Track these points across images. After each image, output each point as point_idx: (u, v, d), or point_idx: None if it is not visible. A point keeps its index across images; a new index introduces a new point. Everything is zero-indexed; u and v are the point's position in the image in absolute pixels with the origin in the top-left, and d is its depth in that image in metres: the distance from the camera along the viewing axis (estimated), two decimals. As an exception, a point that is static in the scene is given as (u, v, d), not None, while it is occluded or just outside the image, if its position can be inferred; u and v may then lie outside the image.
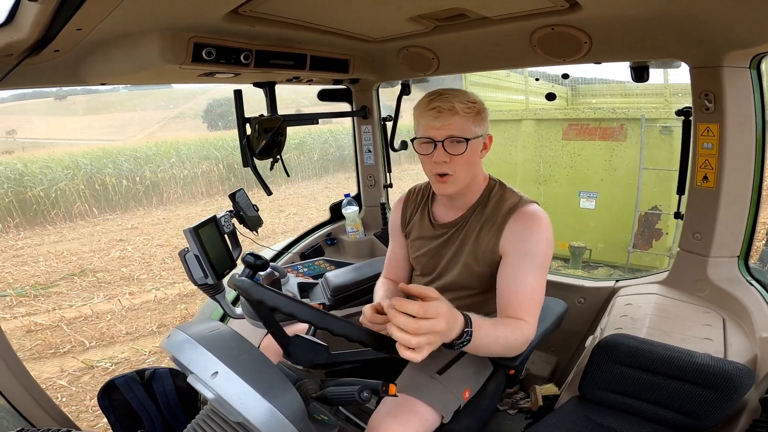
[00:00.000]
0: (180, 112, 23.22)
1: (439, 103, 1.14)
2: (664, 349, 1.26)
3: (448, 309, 0.84)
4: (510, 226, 1.19)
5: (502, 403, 1.89)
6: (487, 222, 1.23)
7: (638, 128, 4.83)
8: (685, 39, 1.36)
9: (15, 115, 20.60)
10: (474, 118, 1.16)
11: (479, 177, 1.27)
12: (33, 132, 19.74)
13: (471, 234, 1.26)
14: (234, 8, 1.15)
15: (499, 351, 1.06)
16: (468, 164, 1.19)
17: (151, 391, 1.63)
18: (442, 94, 1.16)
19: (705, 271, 1.58)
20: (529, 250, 1.14)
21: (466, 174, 1.21)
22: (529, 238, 1.15)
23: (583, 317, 1.96)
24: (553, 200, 5.39)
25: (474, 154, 1.19)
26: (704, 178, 1.53)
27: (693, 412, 1.17)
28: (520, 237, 1.16)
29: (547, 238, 1.16)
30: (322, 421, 1.00)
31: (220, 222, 1.61)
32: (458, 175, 1.19)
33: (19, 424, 1.25)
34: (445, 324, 0.81)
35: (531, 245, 1.14)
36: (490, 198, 1.26)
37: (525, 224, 1.17)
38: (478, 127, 1.17)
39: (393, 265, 1.51)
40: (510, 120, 5.75)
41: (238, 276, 1.08)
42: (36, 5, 0.85)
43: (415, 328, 0.78)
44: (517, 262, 1.15)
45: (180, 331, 0.98)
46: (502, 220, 1.20)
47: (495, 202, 1.25)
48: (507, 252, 1.18)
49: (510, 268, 1.16)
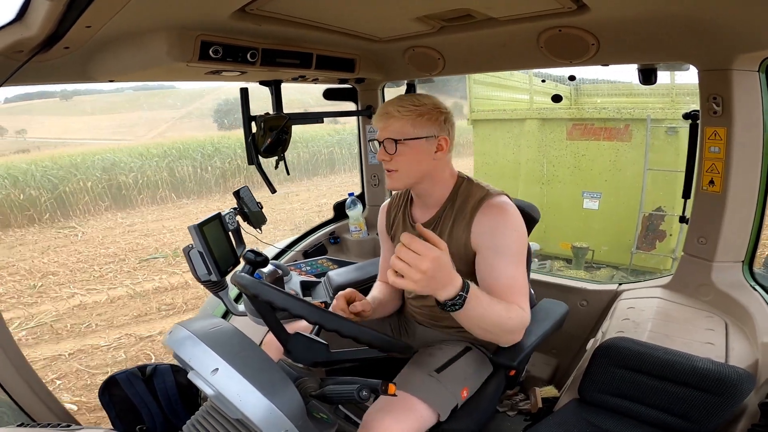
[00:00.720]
0: (187, 112, 23.31)
1: (382, 110, 1.26)
2: (665, 353, 1.25)
3: (442, 259, 0.91)
4: (478, 220, 1.21)
5: (502, 404, 1.89)
6: (457, 217, 1.26)
7: (643, 129, 4.80)
8: (693, 41, 1.35)
9: (21, 115, 20.67)
10: (414, 120, 1.22)
11: (441, 175, 1.30)
12: (41, 132, 19.84)
13: (444, 231, 1.28)
14: (241, 7, 1.15)
15: (492, 328, 1.09)
16: (410, 162, 1.24)
17: (152, 387, 1.65)
18: (392, 101, 1.26)
19: (709, 275, 1.57)
20: (500, 242, 1.17)
21: (410, 171, 1.25)
22: (497, 230, 1.18)
23: (585, 320, 1.95)
24: (556, 200, 5.36)
25: (417, 154, 1.23)
26: (710, 182, 1.52)
27: (692, 416, 1.17)
28: (488, 230, 1.19)
29: (515, 228, 1.19)
30: (321, 420, 1.01)
31: (225, 219, 1.61)
32: (401, 171, 1.25)
33: (19, 418, 1.26)
34: (430, 266, 0.89)
35: (501, 237, 1.17)
36: (459, 194, 1.29)
37: (492, 217, 1.20)
38: (419, 128, 1.22)
39: (385, 269, 1.53)
40: (513, 119, 5.72)
41: (239, 273, 1.09)
42: (46, 2, 0.86)
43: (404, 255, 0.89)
44: (490, 255, 1.18)
45: (182, 327, 0.98)
46: (471, 215, 1.23)
47: (463, 198, 1.28)
48: (479, 247, 1.21)
49: (485, 262, 1.19)
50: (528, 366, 1.93)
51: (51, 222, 9.87)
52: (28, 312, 5.32)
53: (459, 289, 0.97)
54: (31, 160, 11.34)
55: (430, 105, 1.24)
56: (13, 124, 19.96)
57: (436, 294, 0.95)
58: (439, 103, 1.27)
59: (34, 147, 16.47)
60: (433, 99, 1.27)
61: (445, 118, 1.25)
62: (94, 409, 3.21)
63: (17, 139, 19.36)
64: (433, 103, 1.25)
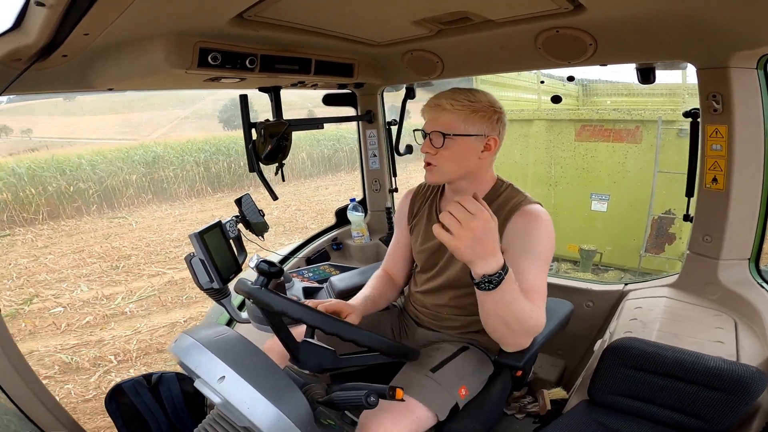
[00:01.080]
0: (191, 113, 23.49)
1: (434, 100, 1.23)
2: (674, 353, 1.24)
3: (491, 224, 0.91)
4: (512, 223, 1.21)
5: (510, 407, 1.88)
6: None
7: (654, 130, 4.75)
8: (691, 40, 1.35)
9: (24, 115, 20.73)
10: (466, 116, 1.20)
11: (483, 175, 1.30)
12: (45, 131, 19.95)
13: None
14: (239, 13, 1.16)
15: (513, 323, 1.05)
16: (453, 159, 1.23)
17: (157, 395, 1.64)
18: (445, 93, 1.23)
19: (716, 273, 1.56)
20: (530, 246, 1.16)
21: (451, 167, 1.24)
22: (529, 234, 1.17)
23: (592, 321, 1.94)
24: (563, 202, 5.32)
25: (461, 150, 1.22)
26: (713, 180, 1.51)
27: (705, 415, 1.15)
28: (520, 233, 1.19)
29: (548, 236, 1.18)
30: (328, 426, 1.00)
31: (225, 227, 1.61)
32: (441, 166, 1.24)
33: (26, 427, 1.26)
34: (480, 226, 0.89)
35: (531, 241, 1.16)
36: (497, 197, 1.29)
37: (526, 221, 1.19)
38: (469, 125, 1.20)
39: (393, 255, 1.54)
40: (520, 120, 5.67)
41: (252, 284, 1.08)
42: (44, 10, 0.86)
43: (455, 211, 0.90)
44: (518, 256, 1.16)
45: (187, 335, 0.98)
46: (505, 217, 1.22)
47: (501, 201, 1.27)
48: (508, 248, 1.19)
49: (511, 263, 1.16)
50: (535, 368, 1.92)
51: (99, 212, 10.49)
52: (127, 288, 5.68)
53: (500, 267, 0.95)
54: (51, 158, 11.77)
55: (486, 102, 1.22)
56: (18, 124, 20.08)
57: (477, 263, 0.93)
58: (495, 101, 1.25)
59: (42, 146, 16.60)
60: (489, 96, 1.25)
61: (499, 117, 1.24)
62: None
63: (22, 138, 19.42)
64: (488, 100, 1.23)
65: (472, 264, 0.94)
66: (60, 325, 4.74)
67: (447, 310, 1.38)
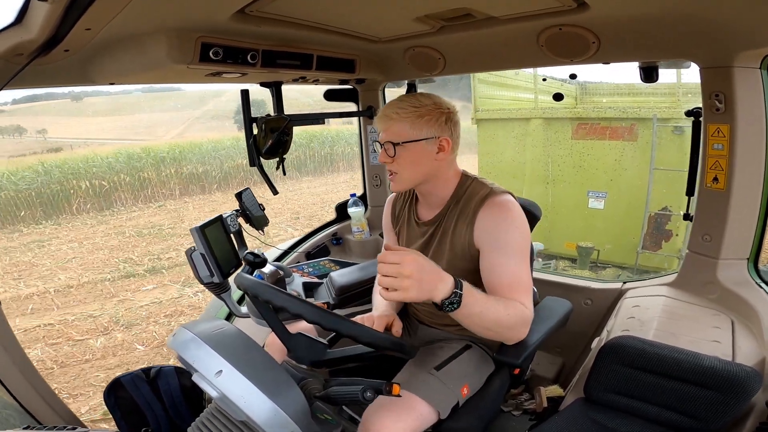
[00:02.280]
0: (202, 113, 23.53)
1: (383, 111, 1.25)
2: (671, 351, 1.25)
3: (420, 260, 0.94)
4: (480, 218, 1.21)
5: (507, 403, 1.89)
6: (460, 216, 1.26)
7: (649, 128, 4.77)
8: (694, 39, 1.34)
9: (36, 117, 20.84)
10: (413, 122, 1.20)
11: (445, 175, 1.29)
12: (59, 132, 20.02)
13: (448, 230, 1.28)
14: (241, 8, 1.15)
15: (493, 326, 1.08)
16: (409, 165, 1.23)
17: (156, 389, 1.65)
18: (392, 102, 1.25)
19: (714, 273, 1.56)
20: (502, 238, 1.16)
21: (410, 173, 1.24)
22: (500, 228, 1.17)
23: (590, 319, 1.94)
24: (561, 200, 5.34)
25: (415, 156, 1.22)
26: (714, 179, 1.51)
27: (699, 414, 1.16)
28: (491, 227, 1.18)
29: (518, 225, 1.18)
30: (325, 421, 1.00)
31: (226, 221, 1.62)
32: (402, 174, 1.24)
33: (25, 421, 1.27)
34: (412, 268, 0.92)
35: (503, 233, 1.17)
36: (463, 192, 1.28)
37: (494, 214, 1.19)
38: (417, 130, 1.20)
39: None
40: (518, 119, 5.69)
41: (241, 274, 1.09)
42: (45, 5, 0.86)
43: (385, 270, 0.92)
44: (493, 252, 1.17)
45: (185, 329, 0.98)
46: (473, 213, 1.22)
47: (467, 196, 1.27)
48: (482, 244, 1.20)
49: (488, 259, 1.18)
50: (533, 365, 1.92)
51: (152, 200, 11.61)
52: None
53: (452, 286, 0.97)
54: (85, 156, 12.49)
55: (430, 105, 1.22)
56: (29, 125, 20.16)
57: (433, 294, 0.96)
58: (441, 102, 1.24)
59: (58, 147, 16.75)
60: (435, 98, 1.25)
61: (447, 117, 1.23)
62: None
63: (37, 139, 19.49)
64: (433, 102, 1.23)
65: (430, 297, 0.96)
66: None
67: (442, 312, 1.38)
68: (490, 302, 1.06)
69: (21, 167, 11.15)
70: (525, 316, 1.13)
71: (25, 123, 20.18)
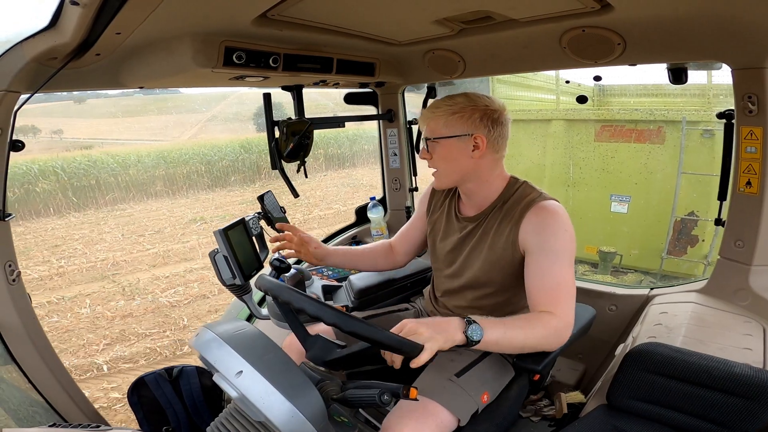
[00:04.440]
0: (213, 115, 23.94)
1: (423, 111, 1.30)
2: (699, 359, 1.20)
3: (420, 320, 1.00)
4: (527, 220, 1.20)
5: (525, 409, 1.85)
6: (505, 217, 1.25)
7: (677, 131, 4.65)
8: (726, 40, 1.30)
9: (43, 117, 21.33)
10: (446, 119, 1.23)
11: (488, 175, 1.29)
12: (73, 132, 20.56)
13: (490, 229, 1.28)
14: (263, 12, 1.17)
15: (525, 347, 1.10)
16: (444, 161, 1.26)
17: (178, 388, 1.67)
18: (432, 102, 1.30)
19: (746, 279, 1.51)
20: (549, 243, 1.15)
21: (445, 170, 1.28)
22: (547, 231, 1.16)
23: (614, 325, 1.90)
24: (582, 203, 5.25)
25: (448, 152, 1.24)
26: (747, 183, 1.46)
27: (728, 422, 1.12)
28: (538, 230, 1.18)
29: (566, 230, 1.17)
30: (342, 423, 1.01)
31: (248, 224, 1.64)
32: (440, 171, 1.29)
33: (51, 419, 1.30)
34: (422, 322, 0.98)
35: (550, 238, 1.16)
36: (511, 195, 1.28)
37: (542, 218, 1.18)
38: (449, 127, 1.23)
39: (403, 232, 1.62)
40: (539, 120, 5.61)
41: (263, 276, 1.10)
42: (78, 9, 0.89)
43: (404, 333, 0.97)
44: (538, 255, 1.16)
45: (207, 329, 1.00)
46: (520, 215, 1.21)
47: (515, 198, 1.26)
48: (527, 247, 1.19)
49: (532, 263, 1.17)
50: (553, 371, 1.89)
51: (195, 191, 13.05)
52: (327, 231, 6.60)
53: (462, 320, 1.01)
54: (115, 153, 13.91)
55: (463, 102, 1.23)
56: (41, 125, 20.69)
57: (450, 334, 0.98)
58: (478, 100, 1.24)
59: (74, 147, 17.32)
60: (472, 96, 1.25)
61: (482, 115, 1.22)
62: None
63: (53, 138, 19.96)
64: (468, 100, 1.23)
65: (450, 336, 0.99)
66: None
67: (469, 312, 1.37)
68: (516, 326, 1.07)
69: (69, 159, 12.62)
70: (559, 327, 1.11)
71: (36, 123, 20.76)
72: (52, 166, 11.89)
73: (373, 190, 6.69)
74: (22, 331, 1.26)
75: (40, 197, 11.05)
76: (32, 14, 1.06)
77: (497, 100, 1.27)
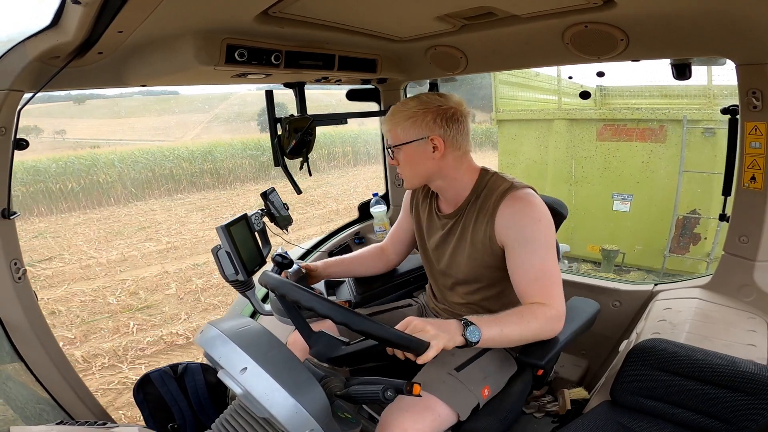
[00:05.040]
0: (213, 117, 23.96)
1: (384, 118, 1.31)
2: (704, 355, 1.20)
3: (424, 320, 1.00)
4: (501, 212, 1.19)
5: (528, 405, 1.86)
6: (480, 211, 1.25)
7: (678, 129, 4.65)
8: (730, 35, 1.29)
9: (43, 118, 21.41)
10: (402, 124, 1.23)
11: (455, 173, 1.28)
12: (75, 133, 20.57)
13: (468, 225, 1.27)
14: (264, 9, 1.17)
15: (521, 339, 1.11)
16: (408, 166, 1.27)
17: (183, 385, 1.68)
18: (391, 108, 1.30)
19: (751, 275, 1.50)
20: (526, 234, 1.15)
21: (411, 174, 1.29)
22: (523, 222, 1.16)
23: (618, 321, 1.90)
24: (584, 202, 5.25)
25: (410, 157, 1.25)
26: (752, 178, 1.46)
27: (733, 418, 1.12)
28: (513, 223, 1.17)
29: (540, 218, 1.16)
30: (345, 419, 1.01)
31: (251, 220, 1.64)
32: (405, 174, 1.31)
33: (58, 416, 1.30)
34: (426, 320, 0.99)
35: (526, 228, 1.15)
36: (483, 188, 1.27)
37: (516, 208, 1.18)
38: (407, 132, 1.23)
39: (391, 234, 1.64)
40: (541, 120, 5.62)
41: (266, 272, 1.10)
42: (79, 8, 0.89)
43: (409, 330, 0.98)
44: (517, 248, 1.16)
45: (212, 326, 1.00)
46: (494, 207, 1.21)
47: (487, 191, 1.26)
48: (505, 241, 1.19)
49: (513, 256, 1.18)
50: (557, 367, 1.89)
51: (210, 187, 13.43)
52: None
53: (459, 322, 1.02)
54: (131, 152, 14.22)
55: (415, 107, 1.22)
56: (42, 126, 20.71)
57: (452, 334, 0.99)
58: (430, 101, 1.23)
59: (78, 146, 17.36)
60: (424, 98, 1.24)
61: (435, 116, 1.21)
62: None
63: (56, 138, 19.95)
64: (420, 103, 1.23)
65: (452, 337, 0.99)
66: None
67: (465, 309, 1.37)
68: (510, 321, 1.08)
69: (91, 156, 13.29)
70: (552, 316, 1.11)
71: (40, 124, 20.79)
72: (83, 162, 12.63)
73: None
74: (29, 329, 1.27)
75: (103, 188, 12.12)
76: (34, 13, 1.06)
77: (453, 97, 1.26)
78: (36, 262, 7.22)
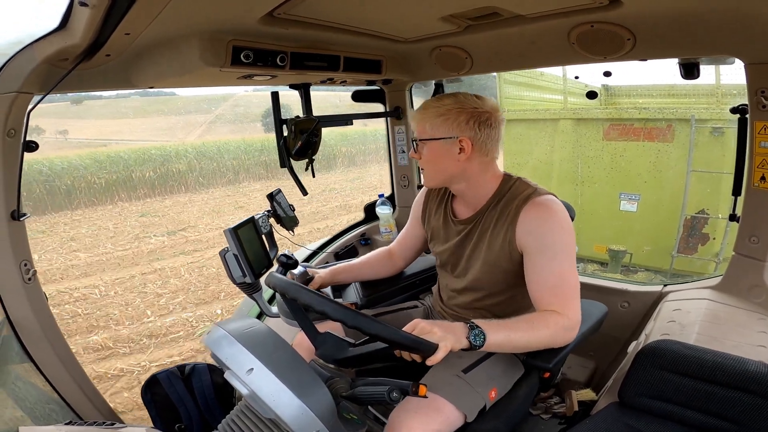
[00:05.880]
0: (215, 117, 24.03)
1: (415, 111, 1.30)
2: (713, 356, 1.19)
3: (433, 323, 1.01)
4: (522, 218, 1.18)
5: (536, 407, 1.84)
6: (501, 216, 1.23)
7: (686, 129, 4.61)
8: (738, 34, 1.27)
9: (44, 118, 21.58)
10: (432, 120, 1.21)
11: (478, 178, 1.26)
12: (78, 133, 20.63)
13: (486, 230, 1.26)
14: (269, 11, 1.17)
15: (529, 347, 1.10)
16: (431, 162, 1.25)
17: (190, 386, 1.69)
18: (424, 102, 1.29)
19: (761, 276, 1.49)
20: (547, 241, 1.14)
21: (432, 171, 1.27)
22: (543, 228, 1.14)
23: (626, 322, 1.88)
24: (590, 202, 5.22)
25: (434, 154, 1.23)
26: (762, 178, 1.44)
27: (742, 420, 1.11)
28: (534, 228, 1.16)
29: (562, 225, 1.15)
30: (351, 420, 1.01)
31: (258, 222, 1.64)
32: (426, 171, 1.29)
33: (67, 416, 1.31)
34: (433, 323, 1.00)
35: (547, 235, 1.14)
36: (505, 193, 1.26)
37: (537, 214, 1.16)
38: (435, 129, 1.21)
39: (400, 240, 1.63)
40: (546, 119, 5.59)
41: (273, 274, 1.10)
42: (87, 10, 0.90)
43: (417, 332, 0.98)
44: (537, 254, 1.15)
45: (219, 327, 1.01)
46: (515, 213, 1.19)
47: (510, 196, 1.24)
48: (525, 246, 1.18)
49: (532, 262, 1.16)
50: (564, 368, 1.88)
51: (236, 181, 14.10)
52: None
53: (465, 325, 1.02)
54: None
55: (450, 104, 1.20)
56: (47, 126, 20.77)
57: (458, 337, 0.99)
58: (467, 101, 1.21)
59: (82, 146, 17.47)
60: (460, 97, 1.22)
61: (468, 117, 1.19)
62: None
63: (58, 138, 19.97)
64: (456, 101, 1.20)
65: (457, 339, 1.00)
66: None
67: (472, 313, 1.36)
68: (510, 322, 1.07)
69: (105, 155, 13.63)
70: (565, 325, 1.10)
71: (41, 124, 20.88)
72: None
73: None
74: (39, 329, 1.28)
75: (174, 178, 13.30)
76: (42, 15, 1.07)
77: (489, 101, 1.23)
78: (178, 230, 8.89)
